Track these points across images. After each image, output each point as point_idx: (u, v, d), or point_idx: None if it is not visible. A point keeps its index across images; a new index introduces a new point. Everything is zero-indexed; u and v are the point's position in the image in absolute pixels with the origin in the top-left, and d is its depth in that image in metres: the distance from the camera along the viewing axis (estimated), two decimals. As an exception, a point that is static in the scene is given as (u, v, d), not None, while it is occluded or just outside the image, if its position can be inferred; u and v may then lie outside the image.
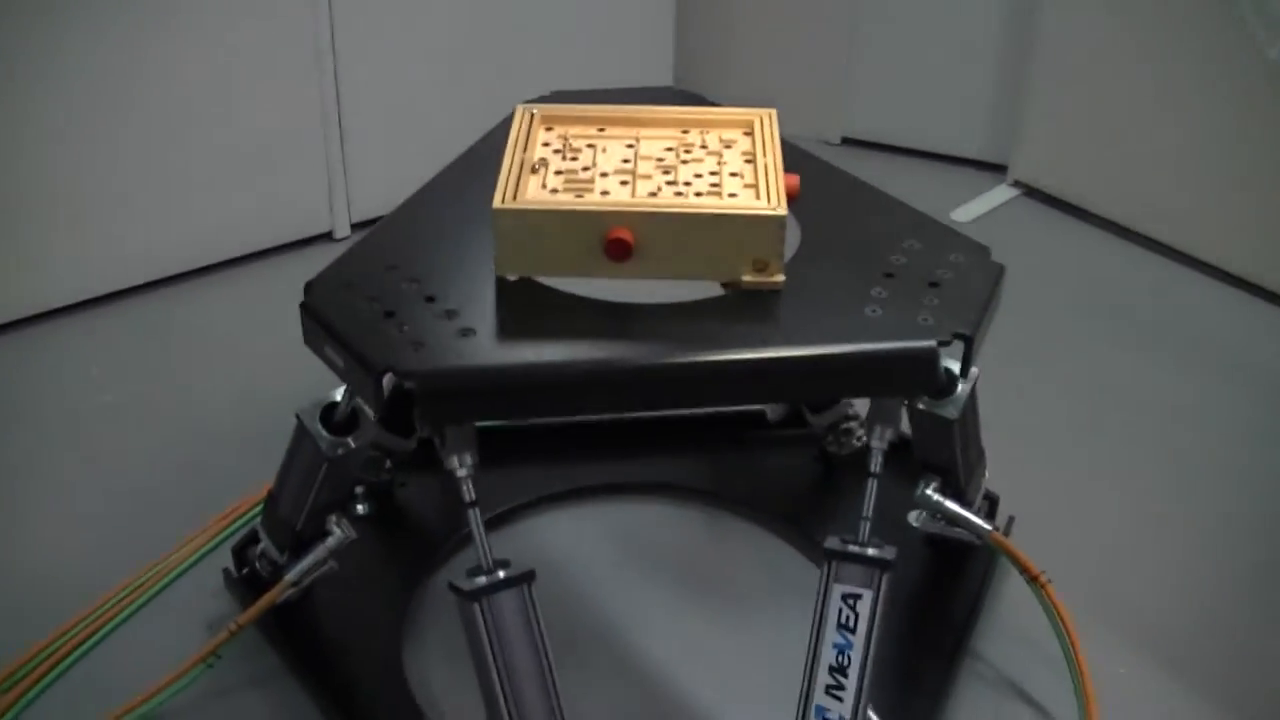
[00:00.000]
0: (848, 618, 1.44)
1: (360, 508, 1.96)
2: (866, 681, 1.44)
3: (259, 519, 1.81)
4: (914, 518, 1.91)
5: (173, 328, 2.51)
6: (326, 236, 2.77)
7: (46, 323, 2.49)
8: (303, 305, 1.48)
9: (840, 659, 1.44)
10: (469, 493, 1.44)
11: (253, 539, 1.84)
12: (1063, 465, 2.21)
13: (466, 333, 1.41)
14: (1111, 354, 2.48)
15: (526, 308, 1.46)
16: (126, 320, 2.52)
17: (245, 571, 1.86)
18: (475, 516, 1.43)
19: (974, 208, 2.88)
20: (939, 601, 1.87)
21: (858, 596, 1.44)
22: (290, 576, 1.71)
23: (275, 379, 2.32)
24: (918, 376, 1.43)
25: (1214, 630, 1.90)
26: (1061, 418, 2.32)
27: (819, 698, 1.45)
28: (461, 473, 1.44)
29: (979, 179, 3.05)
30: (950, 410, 1.69)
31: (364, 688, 1.73)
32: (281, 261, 2.71)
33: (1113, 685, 1.76)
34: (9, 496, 2.10)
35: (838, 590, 1.45)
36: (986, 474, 1.92)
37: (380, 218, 1.66)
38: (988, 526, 1.79)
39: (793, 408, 2.07)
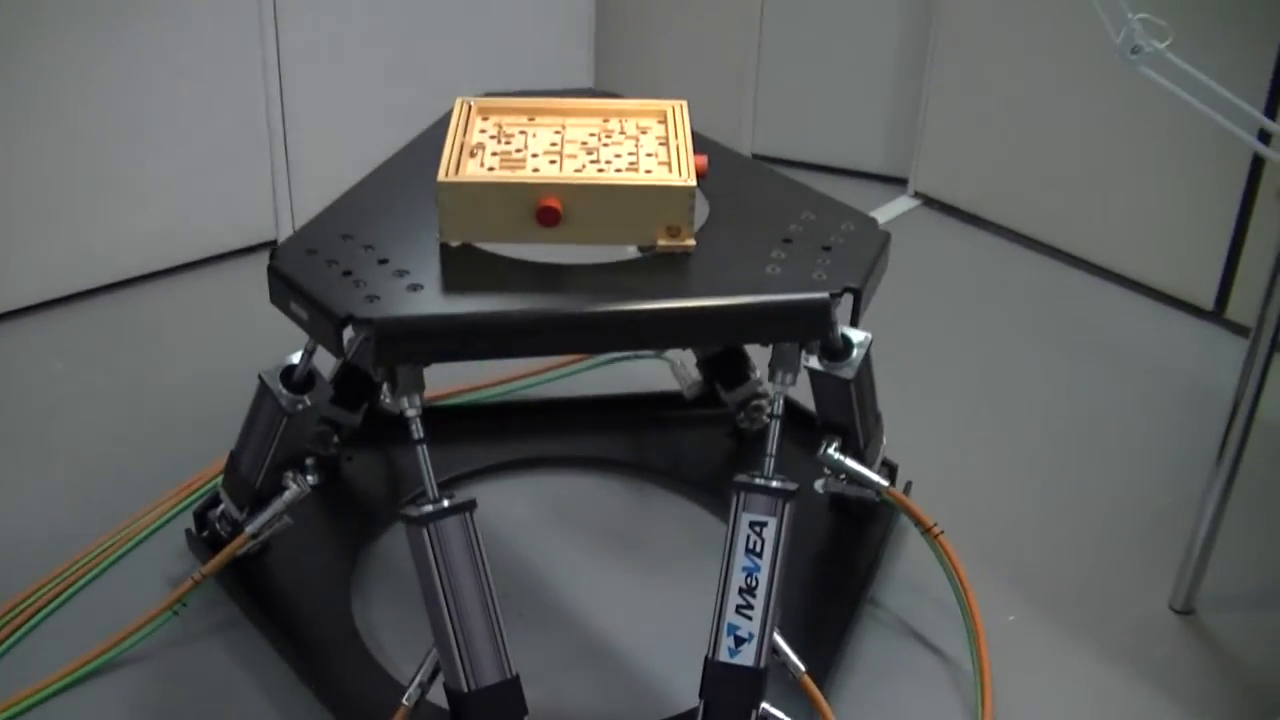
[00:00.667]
0: (755, 543, 1.58)
1: (310, 479, 2.08)
2: (773, 602, 1.58)
3: (219, 482, 1.94)
4: (819, 485, 2.05)
5: (129, 326, 2.63)
6: (271, 244, 2.88)
7: (8, 322, 2.61)
8: (270, 267, 1.62)
9: (749, 580, 1.58)
10: (417, 430, 1.56)
11: (213, 503, 1.98)
12: (955, 440, 2.38)
13: (415, 288, 1.56)
14: (1000, 344, 2.67)
15: (468, 268, 1.61)
16: (84, 319, 2.64)
17: (205, 534, 1.99)
18: (423, 453, 1.56)
19: (878, 216, 3.05)
20: (842, 557, 2.02)
21: (764, 524, 1.58)
22: (250, 528, 1.84)
23: (224, 370, 2.45)
24: (813, 324, 1.58)
25: (1084, 579, 2.06)
26: (954, 399, 2.50)
27: (730, 617, 1.58)
28: (411, 413, 1.56)
29: (882, 191, 3.23)
30: (847, 371, 1.86)
31: (316, 633, 1.86)
32: (229, 267, 2.84)
33: (1000, 630, 1.93)
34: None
35: (745, 518, 1.58)
36: (885, 441, 2.08)
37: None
38: (885, 483, 1.94)
39: (708, 386, 2.22)
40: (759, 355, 2.09)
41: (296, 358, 1.80)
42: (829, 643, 1.84)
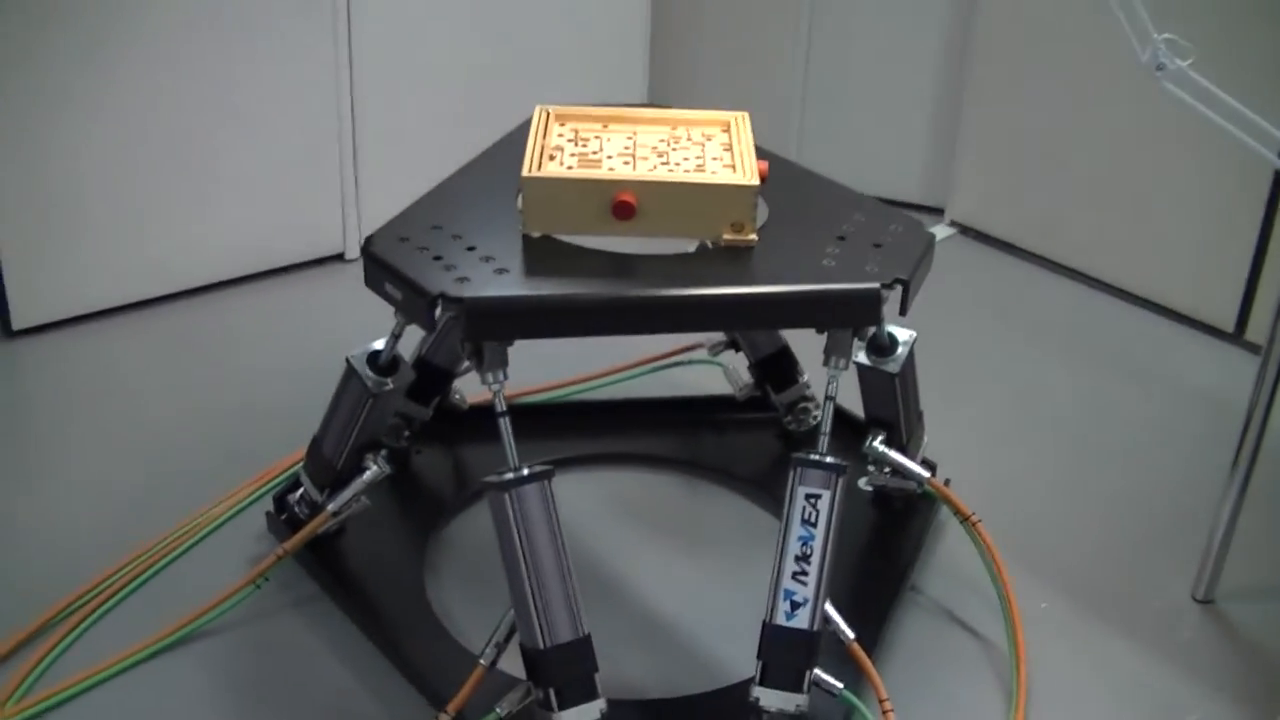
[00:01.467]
0: (810, 514, 1.69)
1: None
2: (826, 569, 1.69)
3: (301, 466, 2.06)
4: (863, 483, 2.18)
5: (201, 332, 2.75)
6: (339, 257, 3.02)
7: (87, 324, 2.73)
8: (365, 251, 1.75)
9: (804, 549, 1.69)
10: (501, 404, 1.68)
11: (291, 488, 2.09)
12: (991, 445, 2.49)
13: (501, 272, 1.68)
14: (1034, 360, 2.79)
15: (549, 256, 1.74)
16: (158, 324, 2.76)
17: (284, 516, 2.10)
18: (505, 425, 1.67)
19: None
20: (885, 547, 2.14)
21: (818, 496, 1.69)
22: (332, 506, 1.96)
23: (294, 372, 2.58)
24: (865, 311, 1.70)
25: (1112, 571, 2.18)
26: (990, 409, 2.61)
27: (786, 583, 1.69)
28: (495, 387, 1.68)
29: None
30: (893, 366, 1.99)
31: (391, 607, 1.98)
32: (296, 279, 2.96)
33: (1035, 616, 2.05)
34: (66, 465, 2.34)
35: (802, 491, 1.70)
36: (926, 440, 2.20)
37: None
38: (926, 474, 2.06)
39: (758, 389, 2.34)
40: (807, 361, 2.23)
41: (379, 344, 1.91)
42: (874, 620, 1.95)
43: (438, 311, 1.64)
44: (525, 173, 1.73)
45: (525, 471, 1.66)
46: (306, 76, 2.82)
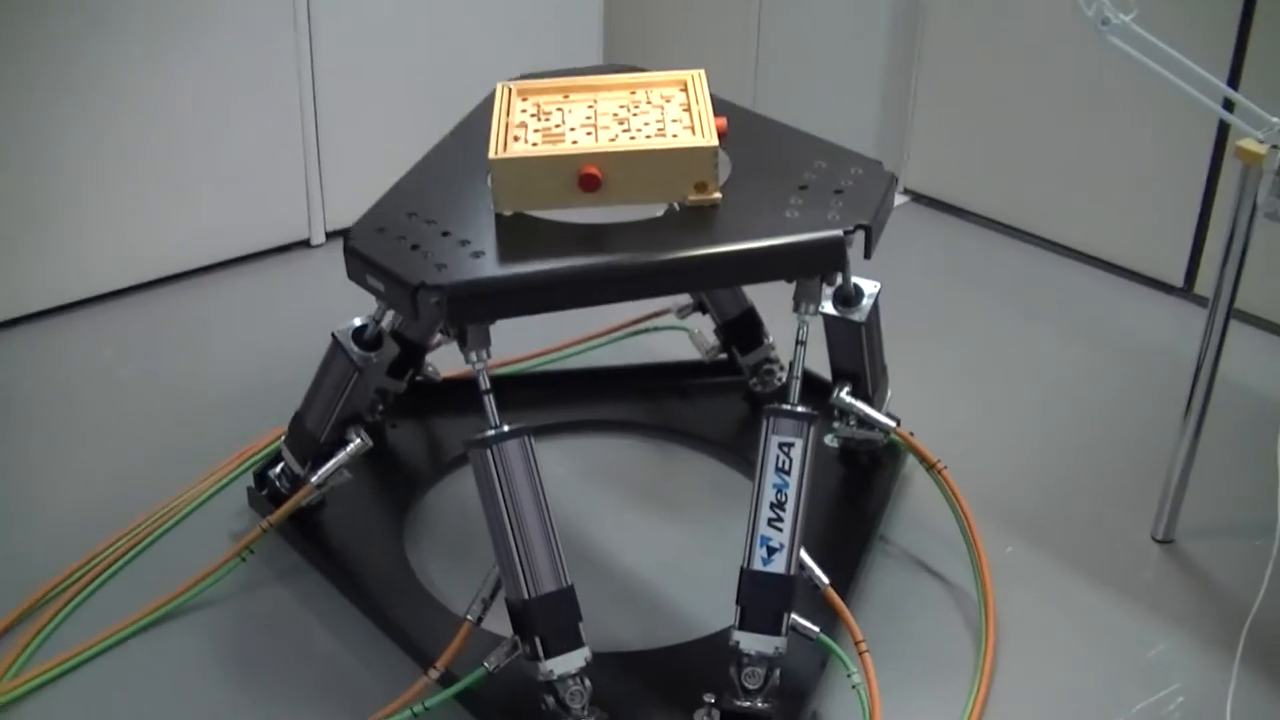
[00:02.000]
0: (784, 462, 1.74)
1: (366, 439, 2.24)
2: (800, 515, 1.73)
3: (282, 440, 2.10)
4: (829, 438, 2.24)
5: (173, 319, 2.79)
6: (304, 244, 3.06)
7: (60, 315, 2.77)
8: (347, 247, 1.78)
9: (779, 496, 1.73)
10: (484, 381, 1.73)
11: (272, 463, 2.14)
12: (954, 401, 2.56)
13: (478, 255, 1.72)
14: (992, 320, 2.86)
15: (521, 234, 1.78)
16: (130, 313, 2.80)
17: (265, 491, 2.14)
18: (490, 401, 1.72)
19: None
20: (854, 499, 2.20)
21: (791, 444, 1.74)
22: (316, 479, 2.00)
23: (265, 356, 2.62)
24: (830, 259, 1.75)
25: (1075, 515, 2.24)
26: (953, 367, 2.68)
27: (763, 529, 1.73)
28: (479, 365, 1.72)
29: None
30: (858, 315, 2.04)
31: (374, 573, 2.03)
32: (264, 266, 3.00)
33: (1001, 560, 2.11)
34: (48, 453, 2.38)
35: (775, 440, 1.74)
36: (890, 395, 2.26)
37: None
38: (892, 423, 2.12)
39: (724, 351, 2.40)
40: (776, 314, 2.28)
41: (360, 320, 1.96)
42: (846, 568, 2.01)
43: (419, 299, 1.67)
44: (492, 155, 1.77)
45: (506, 429, 1.70)
46: (269, 67, 2.85)
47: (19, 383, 2.56)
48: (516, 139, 1.83)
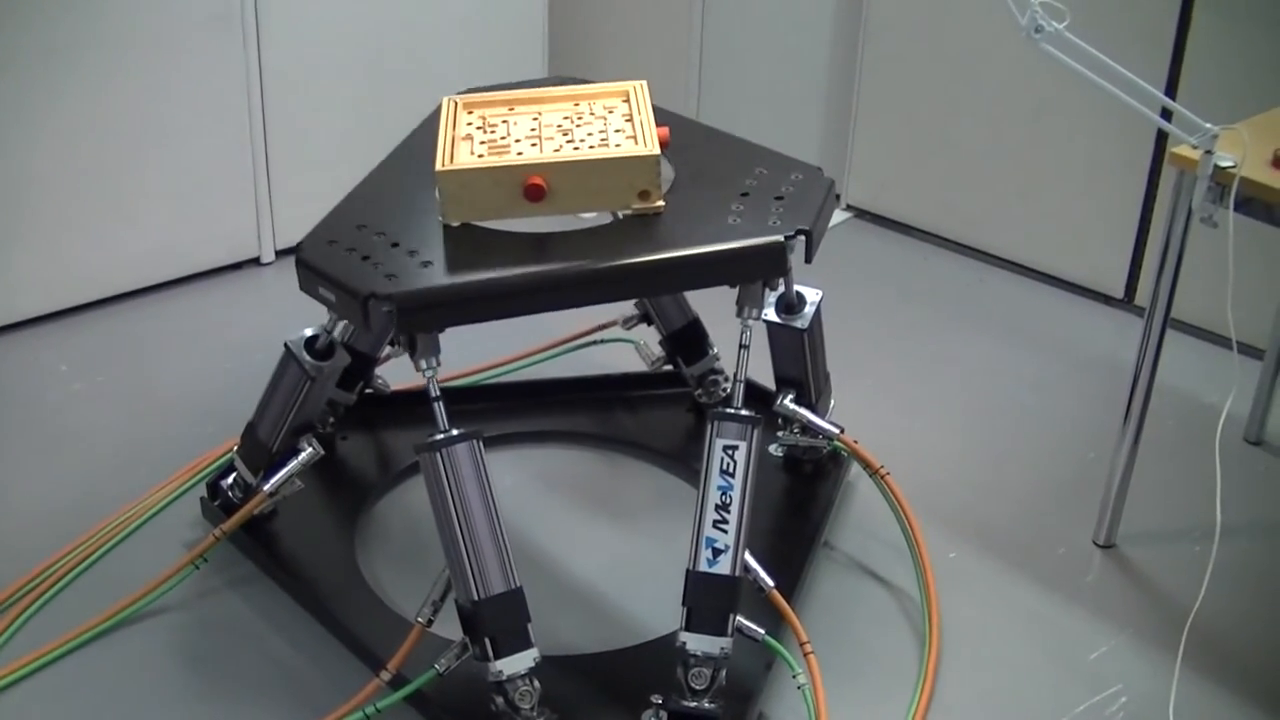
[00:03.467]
0: (728, 465, 1.76)
1: (317, 449, 2.26)
2: (745, 517, 1.76)
3: (234, 450, 2.12)
4: (774, 448, 2.28)
5: (125, 336, 2.80)
6: (254, 261, 3.07)
7: (13, 333, 2.77)
8: (298, 259, 1.80)
9: (724, 498, 1.76)
10: (434, 389, 1.75)
11: (224, 474, 2.15)
12: (896, 412, 2.59)
13: (426, 264, 1.74)
14: (934, 333, 2.89)
15: (469, 243, 1.80)
16: (82, 330, 2.81)
17: (218, 501, 2.16)
18: (439, 407, 1.74)
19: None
20: (798, 506, 2.23)
21: (735, 447, 1.77)
22: (268, 487, 2.02)
23: (214, 372, 2.64)
24: (772, 263, 1.78)
25: (1017, 522, 2.28)
26: (895, 378, 2.71)
27: (708, 530, 1.76)
28: (429, 373, 1.75)
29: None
30: (801, 322, 2.07)
31: (326, 580, 2.05)
32: (215, 283, 3.01)
33: (944, 565, 2.14)
34: (3, 461, 2.37)
35: (720, 443, 1.77)
36: (833, 403, 2.29)
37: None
38: (836, 429, 2.15)
39: (669, 363, 2.42)
40: (716, 332, 2.32)
41: (311, 330, 1.98)
42: (791, 572, 2.04)
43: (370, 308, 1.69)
44: (438, 167, 1.80)
45: (455, 432, 1.73)
46: (219, 89, 2.87)
47: (-29, 400, 2.56)
48: (464, 145, 1.86)
